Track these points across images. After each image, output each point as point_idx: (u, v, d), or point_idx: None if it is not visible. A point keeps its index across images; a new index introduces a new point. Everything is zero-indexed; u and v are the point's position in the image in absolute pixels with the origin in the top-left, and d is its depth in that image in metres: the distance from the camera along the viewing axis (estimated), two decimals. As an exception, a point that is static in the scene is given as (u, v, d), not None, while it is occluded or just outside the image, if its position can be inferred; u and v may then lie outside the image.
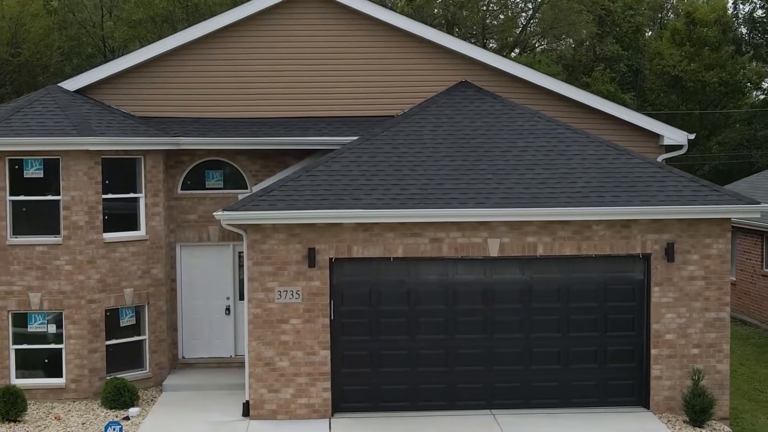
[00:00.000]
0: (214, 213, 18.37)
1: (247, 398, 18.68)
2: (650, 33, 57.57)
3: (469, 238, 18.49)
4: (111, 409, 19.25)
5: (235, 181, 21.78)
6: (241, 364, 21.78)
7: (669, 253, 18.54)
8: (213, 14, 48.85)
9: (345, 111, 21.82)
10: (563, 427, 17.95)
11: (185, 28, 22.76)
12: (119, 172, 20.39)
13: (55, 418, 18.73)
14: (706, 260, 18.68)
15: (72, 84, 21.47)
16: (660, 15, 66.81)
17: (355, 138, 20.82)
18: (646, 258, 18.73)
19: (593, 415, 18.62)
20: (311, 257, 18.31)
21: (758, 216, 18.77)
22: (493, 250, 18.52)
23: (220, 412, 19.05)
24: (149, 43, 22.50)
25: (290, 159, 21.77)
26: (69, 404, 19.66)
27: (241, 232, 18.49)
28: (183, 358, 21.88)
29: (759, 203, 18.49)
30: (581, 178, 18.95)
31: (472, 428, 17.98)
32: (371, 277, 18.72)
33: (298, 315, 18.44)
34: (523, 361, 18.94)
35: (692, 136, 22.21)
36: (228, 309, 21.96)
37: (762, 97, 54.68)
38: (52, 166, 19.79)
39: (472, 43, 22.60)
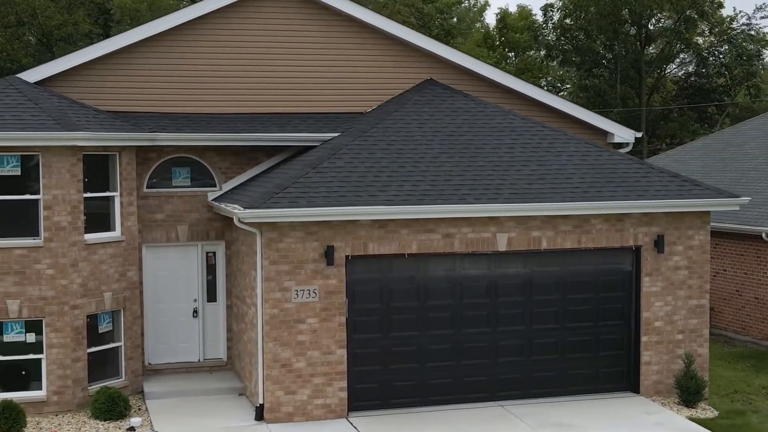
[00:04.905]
0: (235, 211, 17.73)
1: (260, 401, 18.14)
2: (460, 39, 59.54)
3: (479, 234, 18.78)
4: (105, 420, 18.16)
5: (203, 178, 21.01)
6: (211, 368, 21.26)
7: (659, 244, 19.56)
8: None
9: (316, 107, 21.58)
10: (576, 414, 18.57)
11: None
12: (94, 170, 19.23)
13: (53, 433, 17.53)
14: (689, 251, 19.86)
15: (31, 75, 20.04)
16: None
17: (336, 134, 20.68)
18: (637, 250, 19.67)
19: (593, 401, 19.39)
20: (329, 255, 18.02)
21: (737, 209, 20.11)
22: (502, 244, 18.91)
23: (227, 417, 18.43)
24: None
25: (262, 156, 21.26)
26: (53, 418, 18.35)
27: (254, 230, 17.93)
28: (149, 363, 20.89)
29: (738, 197, 19.86)
30: (575, 174, 19.67)
31: (490, 419, 18.29)
32: (382, 274, 18.65)
33: (315, 314, 18.11)
34: (525, 353, 19.44)
35: (639, 134, 23.45)
36: (195, 311, 21.16)
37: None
38: (30, 163, 18.42)
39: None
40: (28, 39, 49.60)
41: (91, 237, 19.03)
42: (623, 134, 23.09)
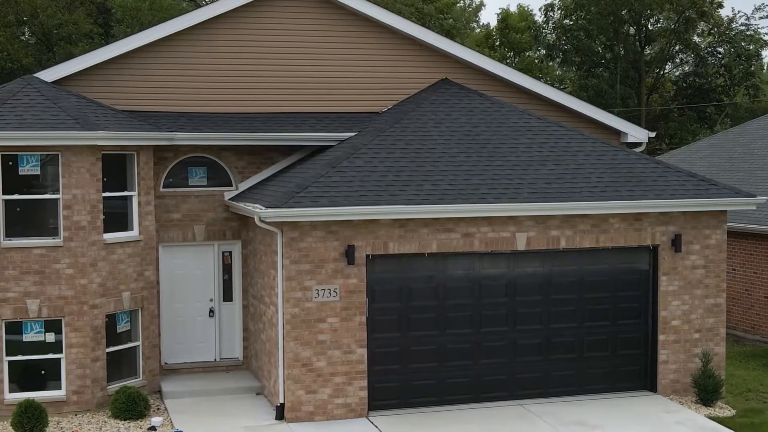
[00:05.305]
0: (256, 210, 17.72)
1: (281, 401, 18.14)
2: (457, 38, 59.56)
3: (498, 233, 18.81)
4: (125, 420, 18.14)
5: (219, 178, 20.99)
6: (227, 368, 21.22)
7: (676, 243, 19.61)
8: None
9: (331, 107, 21.58)
10: (595, 413, 18.60)
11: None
12: (112, 169, 19.20)
13: (74, 432, 17.51)
14: (706, 250, 19.91)
15: (48, 75, 20.00)
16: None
17: (352, 134, 20.70)
18: (655, 249, 19.72)
19: (611, 400, 19.43)
20: (350, 254, 18.03)
21: (754, 208, 20.18)
22: (521, 244, 18.95)
23: (247, 416, 18.44)
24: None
25: (277, 155, 21.26)
26: (73, 418, 18.33)
27: (275, 230, 17.92)
28: (166, 363, 20.85)
29: (755, 196, 19.92)
30: (593, 173, 19.71)
31: (510, 419, 18.31)
32: (402, 273, 18.66)
33: (336, 314, 18.11)
34: (543, 351, 19.47)
35: (653, 134, 23.49)
36: (211, 311, 21.15)
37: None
38: (50, 162, 18.40)
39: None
40: (27, 39, 49.47)
41: (110, 236, 19.01)
42: (637, 134, 23.12)
